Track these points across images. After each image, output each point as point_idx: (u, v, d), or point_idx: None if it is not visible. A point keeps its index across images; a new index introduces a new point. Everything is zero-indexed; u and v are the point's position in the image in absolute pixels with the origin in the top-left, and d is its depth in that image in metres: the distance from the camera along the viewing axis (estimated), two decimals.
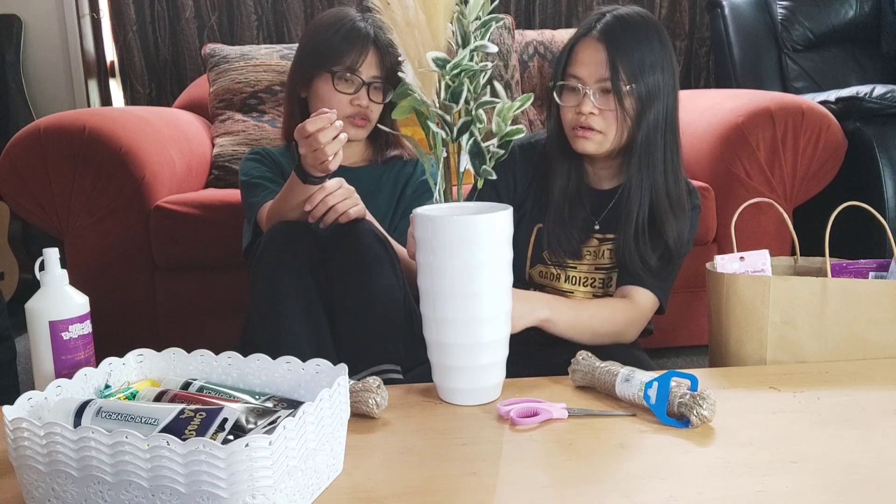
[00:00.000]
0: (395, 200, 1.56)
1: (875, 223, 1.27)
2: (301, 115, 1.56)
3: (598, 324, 1.29)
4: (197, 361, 1.01)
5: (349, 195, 1.32)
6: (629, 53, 1.25)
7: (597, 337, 1.29)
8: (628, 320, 1.31)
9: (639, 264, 1.31)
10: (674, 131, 1.32)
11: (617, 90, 1.25)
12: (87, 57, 2.85)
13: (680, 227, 1.32)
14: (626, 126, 1.27)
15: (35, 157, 1.74)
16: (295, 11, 2.72)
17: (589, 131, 1.28)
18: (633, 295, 1.32)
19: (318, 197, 1.29)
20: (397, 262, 1.34)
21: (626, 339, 1.33)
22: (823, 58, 2.51)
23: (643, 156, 1.29)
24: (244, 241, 1.52)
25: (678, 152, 1.33)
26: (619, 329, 1.31)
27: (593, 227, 1.37)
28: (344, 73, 1.49)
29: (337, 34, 1.50)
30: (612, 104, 1.26)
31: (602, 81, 1.26)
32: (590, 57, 1.28)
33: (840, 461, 0.88)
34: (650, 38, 1.28)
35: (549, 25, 2.78)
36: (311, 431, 0.80)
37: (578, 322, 1.27)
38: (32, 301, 1.06)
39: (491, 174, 1.13)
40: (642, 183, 1.30)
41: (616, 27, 1.27)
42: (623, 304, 1.32)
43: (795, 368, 1.20)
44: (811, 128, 1.84)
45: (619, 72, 1.24)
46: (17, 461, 0.79)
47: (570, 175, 1.36)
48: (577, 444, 0.94)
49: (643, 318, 1.33)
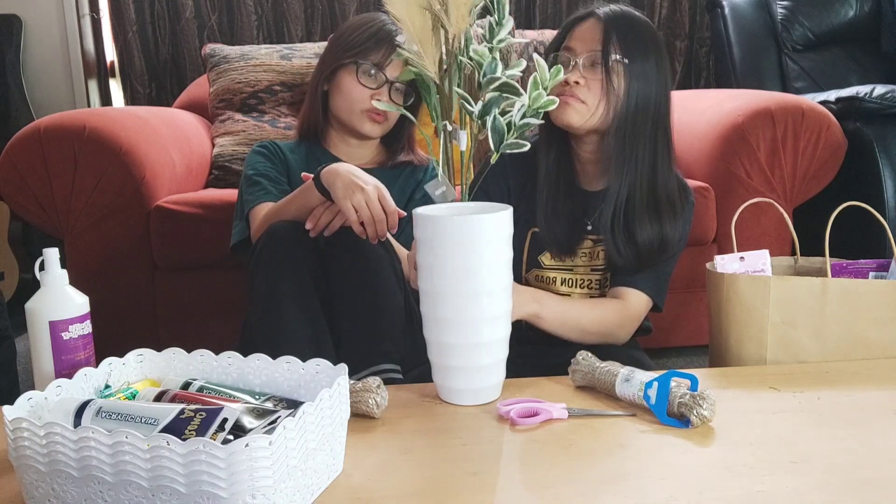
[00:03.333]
0: (402, 205, 1.56)
1: (875, 223, 1.27)
2: (322, 109, 1.58)
3: (588, 322, 1.29)
4: (197, 361, 1.01)
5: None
6: (625, 32, 1.27)
7: (586, 335, 1.30)
8: (619, 321, 1.31)
9: (628, 261, 1.30)
10: (665, 130, 1.32)
11: (605, 60, 1.26)
12: (87, 57, 2.85)
13: (674, 223, 1.31)
14: (611, 103, 1.27)
15: (35, 157, 1.74)
16: (295, 11, 2.72)
17: (572, 98, 1.28)
18: (625, 296, 1.32)
19: (319, 212, 1.28)
20: (398, 263, 1.34)
21: (616, 339, 1.33)
22: (823, 58, 2.51)
23: (627, 137, 1.28)
24: (234, 236, 1.51)
25: (669, 152, 1.33)
26: (608, 329, 1.31)
27: (586, 228, 1.37)
28: (370, 67, 1.51)
29: (366, 32, 1.53)
30: (600, 75, 1.27)
31: (593, 52, 1.27)
32: (585, 32, 1.30)
33: (840, 461, 0.88)
34: (647, 37, 1.30)
35: (549, 25, 2.78)
36: (311, 431, 0.80)
37: (568, 319, 1.28)
38: (32, 301, 1.06)
39: (524, 145, 1.12)
40: (624, 166, 1.29)
41: (619, 14, 1.30)
42: (614, 304, 1.32)
43: (795, 368, 1.20)
44: (811, 128, 1.84)
45: (611, 43, 1.26)
46: (17, 461, 0.79)
47: (557, 173, 1.36)
48: (577, 444, 0.94)
49: (634, 320, 1.33)
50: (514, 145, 1.12)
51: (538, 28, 2.73)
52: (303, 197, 1.31)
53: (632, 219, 1.29)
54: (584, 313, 1.30)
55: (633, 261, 1.31)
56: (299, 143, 1.64)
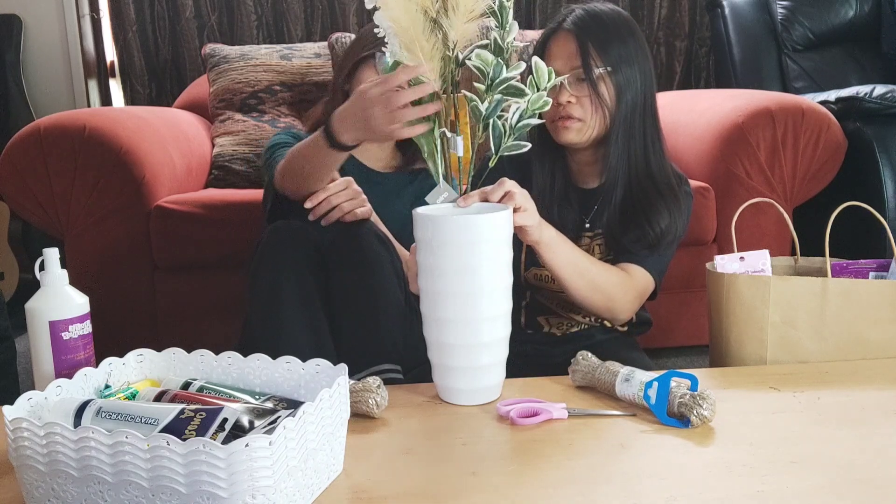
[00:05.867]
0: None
1: (875, 223, 1.27)
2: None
3: (596, 272, 1.25)
4: (197, 361, 1.01)
5: (355, 196, 1.32)
6: (599, 40, 1.27)
7: (592, 289, 1.25)
8: (623, 286, 1.28)
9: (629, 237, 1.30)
10: (654, 120, 1.32)
11: (589, 76, 1.26)
12: (87, 57, 2.85)
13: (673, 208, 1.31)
14: (604, 112, 1.28)
15: (35, 157, 1.74)
16: (295, 11, 2.72)
17: (569, 120, 1.28)
18: (630, 270, 1.31)
19: (321, 196, 1.28)
20: (399, 263, 1.34)
21: (619, 307, 1.29)
22: (823, 58, 2.51)
23: (621, 135, 1.29)
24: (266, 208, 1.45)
25: (660, 140, 1.34)
26: (614, 290, 1.27)
27: (584, 226, 1.37)
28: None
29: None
30: (587, 90, 1.27)
31: (576, 70, 1.27)
32: (561, 49, 1.29)
33: (840, 461, 0.88)
34: (620, 29, 1.29)
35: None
36: (311, 431, 0.80)
37: (579, 262, 1.23)
38: (32, 301, 1.06)
39: (524, 146, 1.12)
40: (619, 162, 1.30)
41: (586, 18, 1.29)
42: (620, 270, 1.30)
43: (795, 368, 1.20)
44: (811, 128, 1.84)
45: (590, 56, 1.26)
46: (17, 461, 0.79)
47: (553, 174, 1.37)
48: (577, 444, 0.94)
49: (637, 292, 1.31)
50: (515, 147, 1.12)
51: (538, 28, 2.73)
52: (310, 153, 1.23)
53: (630, 210, 1.30)
54: (594, 262, 1.26)
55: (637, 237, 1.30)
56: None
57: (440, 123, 1.13)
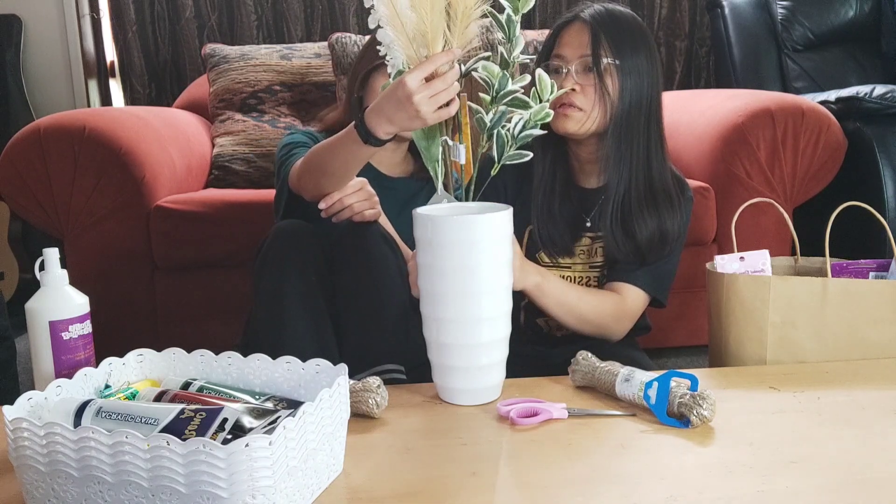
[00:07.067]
0: None
1: (875, 223, 1.27)
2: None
3: (586, 308, 1.28)
4: (197, 361, 1.01)
5: (368, 197, 1.32)
6: (612, 34, 1.27)
7: (583, 322, 1.29)
8: (615, 314, 1.31)
9: (628, 256, 1.30)
10: (658, 122, 1.32)
11: (597, 64, 1.26)
12: (87, 57, 2.85)
13: (672, 215, 1.31)
14: (605, 106, 1.28)
15: (35, 158, 1.74)
16: (295, 11, 2.72)
17: (569, 108, 1.28)
18: (622, 291, 1.32)
19: (335, 196, 1.28)
20: (403, 264, 1.34)
21: (612, 334, 1.32)
22: (823, 58, 2.51)
23: (623, 134, 1.29)
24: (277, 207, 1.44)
25: (662, 144, 1.33)
26: (605, 321, 1.30)
27: (584, 225, 1.37)
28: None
29: None
30: (593, 80, 1.27)
31: (584, 58, 1.27)
32: (574, 37, 1.30)
33: (840, 461, 0.88)
34: (634, 32, 1.29)
35: (549, 25, 2.78)
36: (311, 431, 0.80)
37: (567, 299, 1.27)
38: (32, 301, 1.06)
39: (526, 156, 1.14)
40: (620, 163, 1.29)
41: (603, 13, 1.30)
42: (612, 296, 1.32)
43: (795, 368, 1.20)
44: (811, 128, 1.84)
45: (601, 46, 1.26)
46: (17, 461, 0.79)
47: (554, 169, 1.36)
48: (577, 444, 0.94)
49: (630, 315, 1.33)
50: (517, 156, 1.14)
51: (538, 28, 2.73)
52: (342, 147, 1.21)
53: (630, 213, 1.30)
54: (582, 297, 1.29)
55: (633, 255, 1.31)
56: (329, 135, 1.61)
57: (443, 131, 1.13)
